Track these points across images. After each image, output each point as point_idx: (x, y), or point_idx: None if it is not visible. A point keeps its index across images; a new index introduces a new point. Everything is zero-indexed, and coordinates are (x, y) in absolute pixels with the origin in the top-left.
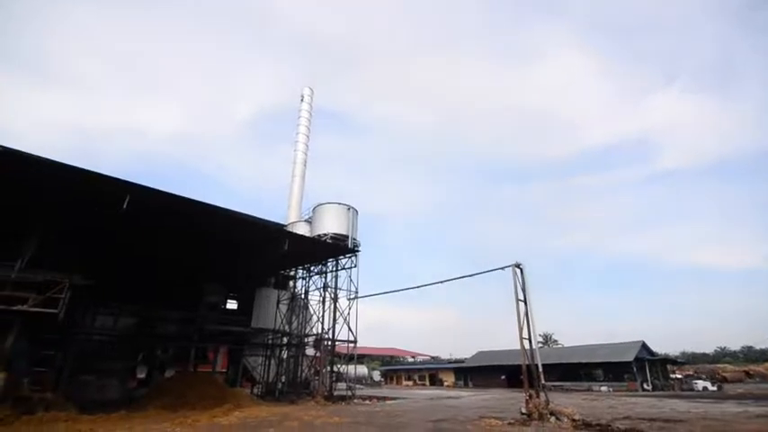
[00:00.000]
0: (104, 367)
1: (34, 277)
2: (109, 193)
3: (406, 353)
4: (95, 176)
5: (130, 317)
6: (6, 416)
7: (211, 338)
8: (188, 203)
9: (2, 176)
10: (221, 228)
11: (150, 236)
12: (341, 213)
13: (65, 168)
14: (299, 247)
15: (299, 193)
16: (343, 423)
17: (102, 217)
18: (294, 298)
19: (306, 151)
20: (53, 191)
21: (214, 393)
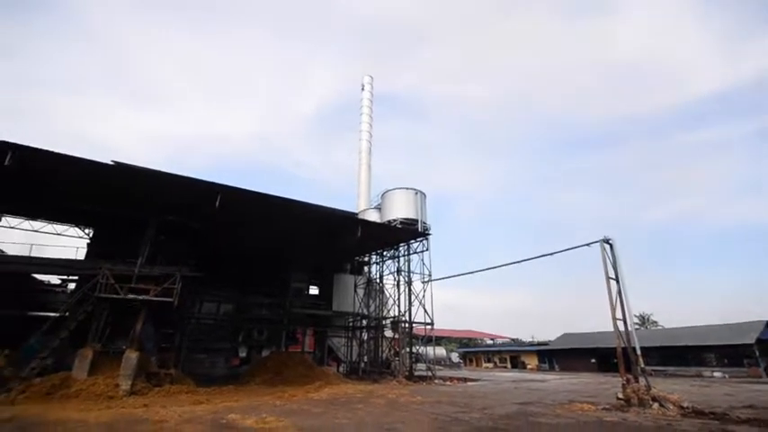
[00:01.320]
0: (213, 347)
1: (152, 271)
2: (203, 195)
3: (485, 335)
4: (191, 181)
5: (229, 303)
6: (142, 387)
7: (298, 321)
8: (269, 199)
9: (116, 187)
10: (300, 219)
11: (241, 230)
12: (409, 198)
13: (167, 176)
14: (371, 234)
15: (367, 180)
16: (426, 402)
17: (200, 216)
18: (370, 282)
19: (370, 139)
20: (159, 196)
21: (305, 371)
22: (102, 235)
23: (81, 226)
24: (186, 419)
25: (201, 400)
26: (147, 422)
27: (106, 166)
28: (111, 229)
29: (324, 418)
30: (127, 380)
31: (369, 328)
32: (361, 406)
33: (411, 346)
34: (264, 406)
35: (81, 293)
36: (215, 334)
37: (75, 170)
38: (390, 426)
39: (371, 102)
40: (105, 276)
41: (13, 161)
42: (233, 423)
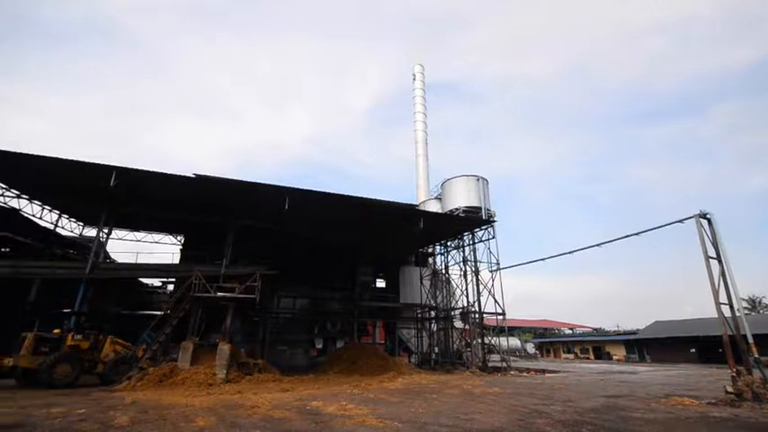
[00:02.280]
0: (292, 339)
1: (235, 271)
2: (273, 199)
3: (562, 324)
4: (260, 186)
5: (304, 298)
6: (235, 376)
7: (368, 314)
8: (331, 197)
9: (199, 197)
10: (361, 214)
11: (309, 229)
12: (470, 185)
13: (238, 183)
14: (433, 225)
15: (425, 171)
16: (503, 393)
17: (271, 219)
18: (435, 274)
19: (425, 129)
20: (234, 202)
21: (378, 362)
22: (191, 241)
23: (174, 234)
24: (275, 405)
25: (287, 387)
26: (243, 407)
27: (189, 179)
28: (198, 235)
29: (400, 406)
30: (222, 369)
31: (437, 320)
32: (435, 396)
33: (483, 336)
34: (343, 394)
35: (179, 293)
36: (293, 327)
37: (165, 184)
38: (468, 416)
39: (424, 91)
40: (197, 277)
41: (117, 181)
42: (317, 410)
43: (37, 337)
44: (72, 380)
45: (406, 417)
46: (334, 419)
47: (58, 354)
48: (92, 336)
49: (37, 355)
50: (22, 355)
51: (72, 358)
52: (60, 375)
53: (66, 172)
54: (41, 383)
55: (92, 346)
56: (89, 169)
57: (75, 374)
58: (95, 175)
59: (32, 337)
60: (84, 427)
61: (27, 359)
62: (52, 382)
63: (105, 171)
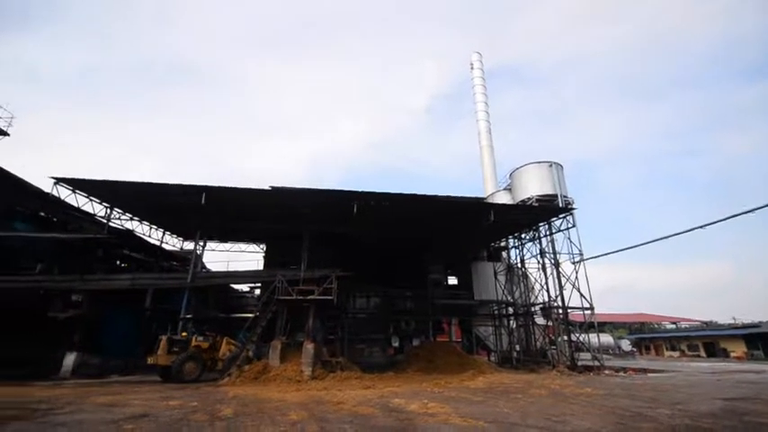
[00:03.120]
0: (369, 338)
1: (313, 274)
2: (341, 203)
3: (663, 318)
4: (329, 192)
5: (377, 297)
6: (320, 373)
7: (442, 312)
8: (396, 197)
9: (275, 207)
10: (428, 212)
11: (378, 230)
12: (542, 172)
13: (309, 191)
14: (504, 217)
15: (491, 162)
16: (596, 394)
17: (342, 223)
18: (510, 268)
19: (487, 119)
20: (308, 209)
21: (457, 360)
22: (272, 248)
23: (257, 242)
24: (360, 402)
25: (368, 384)
26: (329, 403)
27: (265, 192)
28: (278, 243)
29: (484, 406)
30: (308, 366)
31: (516, 316)
32: (521, 396)
33: (569, 333)
34: (424, 392)
35: (266, 297)
36: (369, 326)
37: (245, 198)
38: (559, 417)
39: (483, 80)
40: (280, 281)
41: (206, 199)
42: (399, 407)
43: (169, 340)
44: (197, 376)
45: (492, 416)
46: (418, 417)
47: (185, 353)
48: (211, 337)
49: (170, 354)
50: (159, 355)
51: (196, 357)
52: (187, 372)
53: (165, 194)
54: (174, 378)
55: (211, 347)
56: (183, 190)
57: (199, 371)
58: (189, 195)
59: (166, 339)
60: (196, 418)
61: (163, 358)
62: (181, 377)
63: (197, 191)
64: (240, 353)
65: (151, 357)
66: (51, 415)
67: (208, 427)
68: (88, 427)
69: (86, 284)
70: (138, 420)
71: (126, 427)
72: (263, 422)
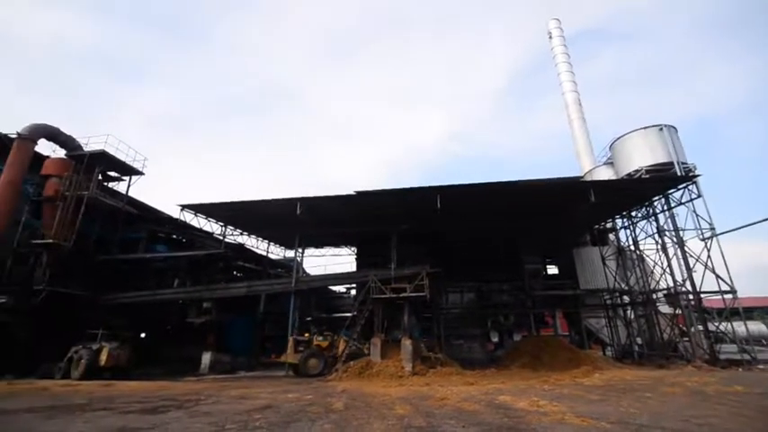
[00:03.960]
0: (466, 334)
1: (403, 272)
2: (425, 199)
3: None
4: (410, 191)
5: (470, 292)
6: (420, 369)
7: (543, 304)
8: (480, 187)
9: (361, 210)
10: (518, 199)
11: (465, 223)
12: (651, 138)
13: (392, 192)
14: (608, 195)
15: (584, 135)
16: (752, 393)
17: (427, 219)
18: (621, 251)
19: (575, 89)
20: (392, 209)
21: (566, 355)
22: (362, 250)
23: (348, 246)
24: (463, 398)
25: (470, 381)
26: (432, 398)
27: (351, 197)
28: (368, 244)
29: (604, 405)
30: (408, 363)
31: (634, 305)
32: (650, 395)
33: (705, 322)
34: (532, 389)
35: (362, 296)
36: (465, 321)
37: (334, 204)
38: (701, 419)
39: (565, 47)
40: (374, 281)
41: (301, 209)
42: (506, 404)
43: (295, 340)
44: (320, 371)
45: (615, 416)
46: (528, 415)
47: (308, 351)
48: (329, 336)
49: (297, 353)
50: (288, 354)
51: (317, 354)
52: (311, 367)
53: (266, 209)
54: (301, 374)
55: (330, 345)
56: (280, 203)
57: (321, 366)
58: (286, 207)
59: (292, 340)
60: (313, 410)
61: (291, 356)
62: (307, 372)
63: (292, 203)
64: (356, 351)
65: (282, 356)
66: (198, 405)
67: (324, 417)
68: (227, 416)
69: (213, 293)
70: (264, 411)
71: (255, 416)
72: (371, 415)
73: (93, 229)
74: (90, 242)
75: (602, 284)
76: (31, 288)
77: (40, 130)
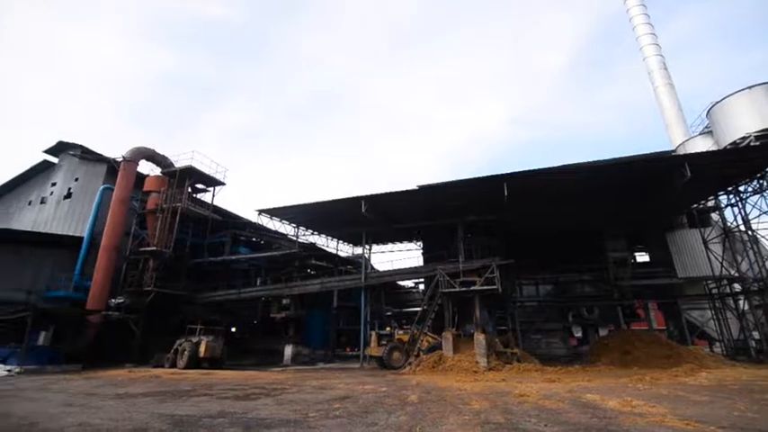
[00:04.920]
0: (544, 328)
1: (472, 265)
2: (492, 188)
3: None
4: (473, 181)
5: (547, 284)
6: (496, 364)
7: (633, 295)
8: (552, 171)
9: (425, 204)
10: (597, 182)
11: (537, 211)
12: (759, 98)
13: (456, 183)
14: (707, 169)
15: (674, 104)
16: None
17: (494, 208)
18: (728, 233)
19: (659, 52)
20: (457, 201)
21: (663, 351)
22: (428, 243)
23: (414, 240)
24: (544, 395)
25: (552, 378)
26: (510, 394)
27: (414, 191)
28: (433, 238)
29: (713, 407)
30: (483, 357)
31: (748, 294)
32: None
33: None
34: (623, 388)
35: (430, 291)
36: (542, 315)
37: (397, 200)
38: None
39: (644, 6)
40: (441, 275)
41: (366, 207)
42: (594, 403)
43: (378, 334)
44: (402, 363)
45: (728, 420)
46: (620, 416)
47: (391, 345)
48: (410, 331)
49: (380, 346)
50: (372, 347)
51: (399, 348)
52: (394, 360)
53: (333, 208)
54: (385, 366)
55: (411, 339)
56: (346, 202)
57: (403, 359)
58: (351, 205)
59: (375, 333)
60: (388, 401)
61: (375, 350)
62: (391, 365)
63: (356, 201)
64: (437, 344)
65: (368, 349)
66: (284, 393)
67: (400, 409)
68: (309, 404)
69: (291, 290)
70: (343, 401)
71: (335, 405)
72: (446, 409)
73: (187, 235)
74: (185, 247)
75: (705, 271)
76: (142, 289)
77: (140, 152)
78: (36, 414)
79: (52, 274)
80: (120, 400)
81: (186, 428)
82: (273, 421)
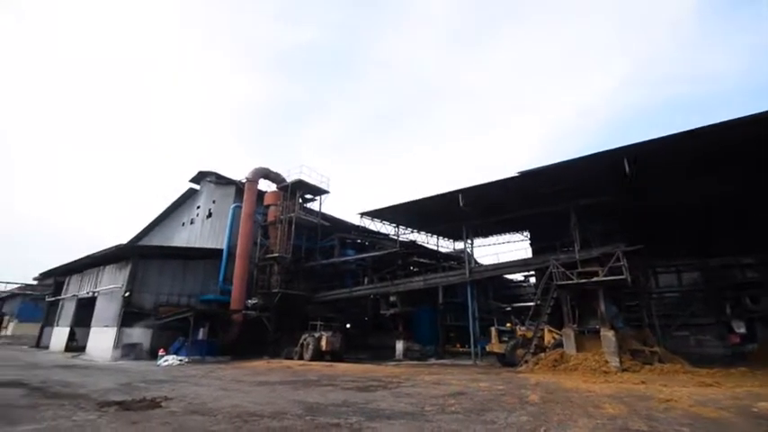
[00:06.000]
0: (691, 323)
1: (590, 254)
2: (608, 165)
3: None
4: (586, 159)
5: (692, 271)
6: (631, 365)
7: None
8: (684, 137)
9: (528, 191)
10: (747, 146)
11: (669, 185)
12: None
13: (565, 164)
14: None
15: None
16: None
17: (614, 188)
18: None
19: None
20: (567, 184)
21: None
22: (536, 233)
23: (519, 231)
24: (698, 401)
25: (707, 381)
26: (653, 399)
27: (514, 178)
28: (541, 226)
29: None
30: (613, 357)
31: None
32: None
33: None
34: None
35: (543, 284)
36: (687, 308)
37: (498, 190)
38: None
39: None
40: (555, 266)
41: (463, 200)
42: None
43: (497, 330)
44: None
45: None
46: None
47: (514, 341)
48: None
49: (501, 343)
50: (493, 344)
51: (524, 344)
52: (519, 357)
53: (431, 205)
54: (506, 364)
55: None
56: (443, 197)
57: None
58: (448, 200)
59: (495, 330)
60: (506, 400)
61: (496, 346)
62: (514, 362)
63: (453, 195)
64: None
65: (488, 346)
66: (399, 387)
67: (520, 409)
68: (425, 398)
69: (396, 287)
70: (458, 397)
71: (450, 401)
72: (574, 412)
73: (302, 241)
74: (301, 252)
75: None
76: (270, 291)
77: (258, 172)
78: (203, 396)
79: (203, 280)
80: (261, 387)
81: (317, 414)
82: (393, 413)
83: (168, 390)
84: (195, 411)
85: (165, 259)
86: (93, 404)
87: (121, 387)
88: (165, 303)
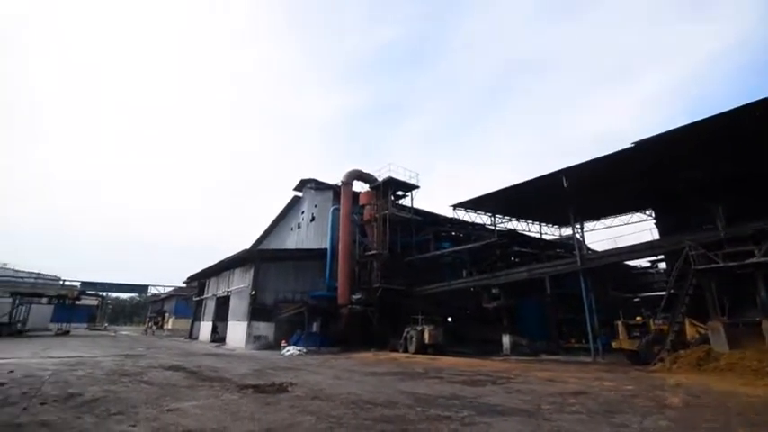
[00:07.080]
0: None
1: (743, 230)
2: (754, 120)
3: None
4: (728, 115)
5: None
6: None
7: None
8: None
9: (646, 165)
10: None
11: None
12: None
13: (690, 127)
14: None
15: None
16: None
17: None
18: None
19: None
20: (697, 151)
21: None
22: (662, 212)
23: (641, 210)
24: None
25: None
26: None
27: (629, 150)
28: (667, 203)
29: None
30: None
31: None
32: None
33: None
34: None
35: (677, 270)
36: None
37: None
38: None
39: None
40: (691, 248)
41: (567, 180)
42: None
43: (626, 325)
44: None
45: None
46: None
47: (650, 336)
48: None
49: (631, 339)
50: (621, 340)
51: (660, 340)
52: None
53: (529, 190)
54: (639, 361)
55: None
56: (543, 181)
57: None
58: (549, 183)
59: (623, 324)
60: (638, 402)
61: (626, 342)
62: (648, 359)
63: (556, 177)
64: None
65: (615, 342)
66: (509, 383)
67: (657, 413)
68: (540, 396)
69: (497, 279)
70: (578, 396)
71: (569, 400)
72: (731, 419)
73: (397, 237)
74: (397, 248)
75: None
76: (371, 286)
77: (352, 175)
78: (321, 383)
79: (312, 278)
80: (371, 377)
81: (426, 406)
82: (505, 409)
83: (292, 376)
84: (316, 397)
85: (280, 261)
86: (235, 386)
87: (255, 372)
88: (282, 300)
